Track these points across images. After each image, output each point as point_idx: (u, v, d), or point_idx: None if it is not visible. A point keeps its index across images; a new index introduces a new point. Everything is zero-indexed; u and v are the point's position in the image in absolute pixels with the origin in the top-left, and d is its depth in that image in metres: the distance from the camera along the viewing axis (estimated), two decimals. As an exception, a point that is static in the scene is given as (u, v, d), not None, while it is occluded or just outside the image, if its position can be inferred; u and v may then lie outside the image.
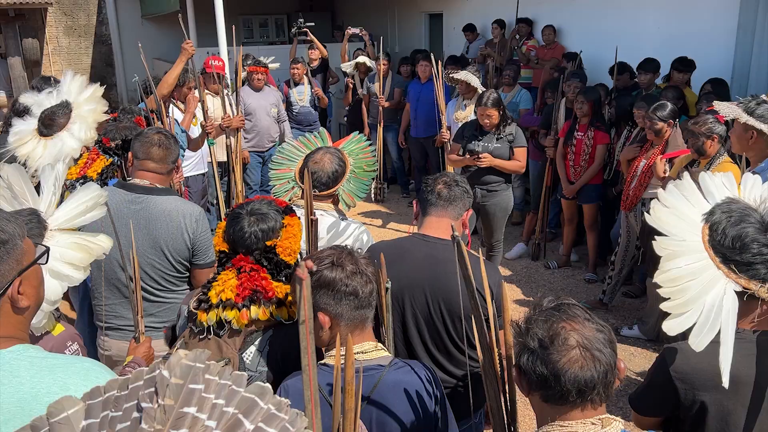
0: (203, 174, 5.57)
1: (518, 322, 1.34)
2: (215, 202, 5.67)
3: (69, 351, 1.80)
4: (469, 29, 8.76)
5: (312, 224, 1.93)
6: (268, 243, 1.83)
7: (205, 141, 4.98)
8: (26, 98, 3.37)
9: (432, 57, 5.87)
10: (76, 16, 11.61)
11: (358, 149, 2.84)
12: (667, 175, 4.08)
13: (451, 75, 5.98)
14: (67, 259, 1.59)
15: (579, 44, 6.95)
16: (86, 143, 3.14)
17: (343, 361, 1.28)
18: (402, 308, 2.25)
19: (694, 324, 1.53)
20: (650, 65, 5.60)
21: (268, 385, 0.93)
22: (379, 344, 1.72)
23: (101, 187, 1.87)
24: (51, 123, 3.15)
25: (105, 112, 3.28)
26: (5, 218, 1.26)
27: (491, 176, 4.67)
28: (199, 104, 4.97)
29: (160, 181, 2.72)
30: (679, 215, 1.72)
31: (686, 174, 1.96)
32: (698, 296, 1.55)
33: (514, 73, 6.65)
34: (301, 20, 8.34)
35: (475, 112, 5.00)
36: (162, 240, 2.61)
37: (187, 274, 2.74)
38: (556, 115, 5.70)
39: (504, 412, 1.52)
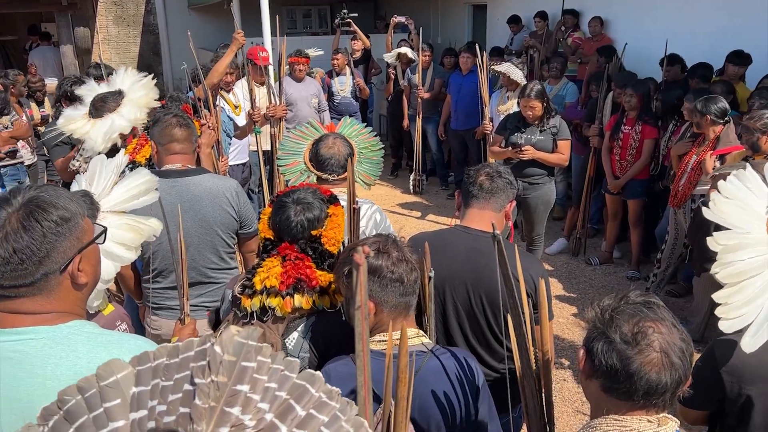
0: (244, 163, 5.65)
1: (600, 306, 1.31)
2: (257, 189, 5.74)
3: (118, 330, 1.85)
4: (514, 21, 8.64)
5: (354, 213, 1.94)
6: (314, 233, 1.85)
7: (252, 130, 5.05)
8: (81, 89, 3.48)
9: (477, 48, 5.81)
10: (126, 5, 11.86)
11: (354, 132, 2.92)
12: (717, 172, 3.96)
13: (493, 67, 5.91)
14: (118, 239, 1.64)
15: (627, 36, 6.78)
16: (136, 123, 3.22)
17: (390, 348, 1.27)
18: (443, 300, 2.24)
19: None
20: (703, 71, 5.38)
21: (318, 373, 0.93)
22: (421, 331, 1.72)
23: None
24: (102, 106, 3.25)
25: (155, 100, 3.37)
26: (68, 197, 1.30)
27: (533, 169, 4.61)
28: (247, 93, 5.04)
29: (190, 161, 2.81)
30: (742, 207, 1.67)
31: (748, 165, 1.90)
32: (759, 295, 1.50)
33: (560, 66, 6.54)
34: (345, 11, 8.34)
35: (518, 104, 4.93)
36: (210, 217, 2.71)
37: (234, 250, 2.87)
38: (601, 106, 5.58)
39: (541, 412, 1.50)
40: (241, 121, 5.21)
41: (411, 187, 7.72)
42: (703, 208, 1.68)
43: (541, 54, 7.47)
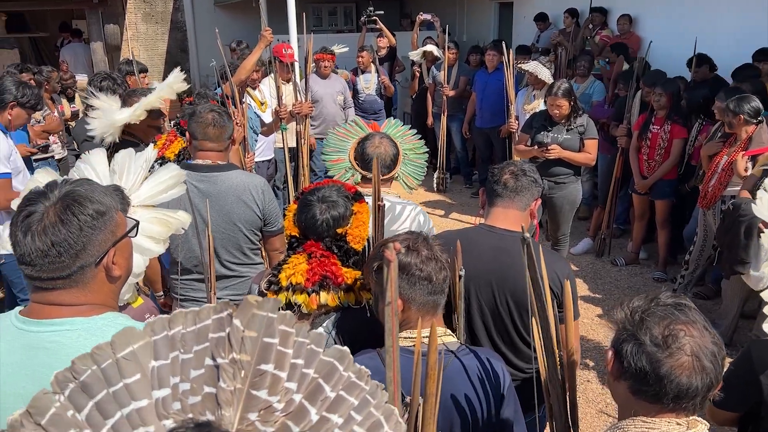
0: (269, 160, 5.69)
1: (630, 307, 1.29)
2: (283, 186, 5.78)
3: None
4: (541, 18, 8.56)
5: (379, 210, 1.94)
6: (339, 231, 1.86)
7: (279, 126, 5.08)
8: (93, 101, 3.66)
9: (503, 46, 5.77)
10: (154, 3, 12.00)
11: (399, 133, 2.91)
12: (749, 173, 3.89)
13: (520, 65, 5.87)
14: (146, 232, 1.67)
15: (655, 35, 6.68)
16: (131, 118, 3.34)
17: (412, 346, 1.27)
18: (467, 299, 2.23)
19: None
20: (749, 71, 5.22)
21: (346, 348, 0.89)
22: (448, 330, 1.72)
23: None
24: (127, 98, 3.46)
25: (180, 95, 3.47)
26: (103, 191, 1.33)
27: (560, 168, 4.57)
28: (273, 90, 5.07)
29: (221, 158, 2.84)
30: None
31: None
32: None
33: (588, 64, 6.46)
34: (371, 8, 8.34)
35: (544, 102, 4.89)
36: (234, 214, 2.74)
37: (259, 246, 2.89)
38: (629, 105, 5.51)
39: (565, 414, 1.49)
40: (267, 118, 5.25)
41: (435, 186, 7.70)
42: (751, 205, 1.64)
43: (568, 52, 7.39)
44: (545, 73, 5.67)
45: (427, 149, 3.01)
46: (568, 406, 1.46)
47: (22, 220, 1.24)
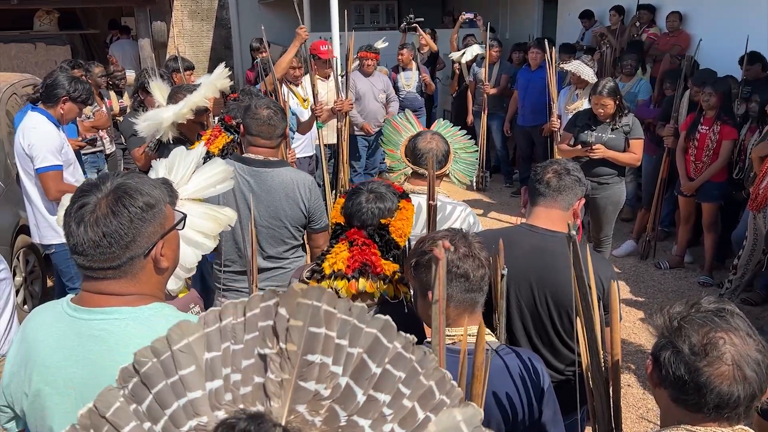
0: (310, 156, 5.73)
1: (669, 314, 1.26)
2: (322, 182, 5.83)
3: (192, 312, 1.93)
4: (586, 16, 8.40)
5: (433, 209, 1.96)
6: (382, 221, 1.88)
7: (314, 124, 5.11)
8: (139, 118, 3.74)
9: (546, 44, 5.69)
10: (200, 0, 12.23)
11: (449, 134, 2.93)
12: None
13: (561, 66, 5.78)
14: (197, 227, 1.71)
15: (706, 32, 6.49)
16: (177, 117, 3.40)
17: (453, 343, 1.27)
18: (507, 299, 2.21)
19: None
20: None
21: (388, 317, 0.87)
22: (487, 329, 1.71)
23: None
24: (173, 95, 3.54)
25: (223, 92, 3.53)
26: (152, 184, 1.36)
27: (604, 168, 4.49)
28: (309, 88, 5.11)
29: (272, 154, 2.89)
30: None
31: None
32: None
33: (635, 62, 6.33)
34: (411, 15, 8.32)
35: (588, 101, 4.81)
36: (280, 209, 2.79)
37: (302, 241, 2.95)
38: (677, 105, 5.37)
39: (609, 417, 1.46)
40: (305, 115, 5.29)
41: (474, 184, 7.64)
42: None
43: (614, 50, 7.24)
44: (588, 72, 5.57)
45: (476, 148, 3.05)
46: (612, 409, 1.44)
47: (76, 211, 1.28)
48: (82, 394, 1.26)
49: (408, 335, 0.87)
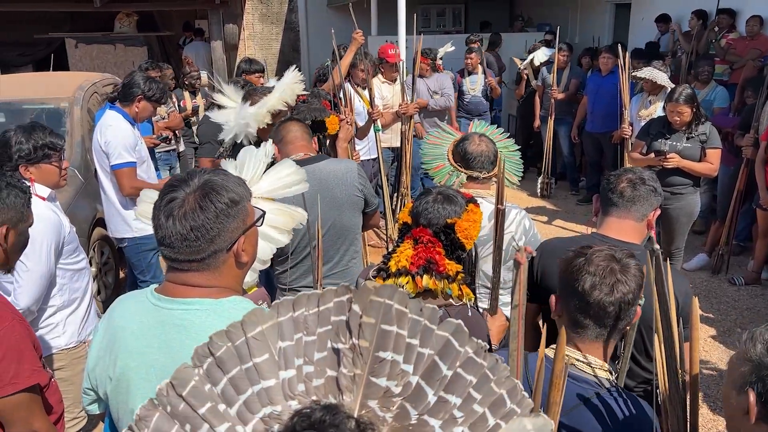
0: (374, 159, 5.76)
1: (755, 336, 1.14)
2: (381, 186, 5.85)
3: (260, 309, 1.96)
4: (662, 20, 8.12)
5: (501, 213, 1.95)
6: (449, 221, 1.88)
7: (372, 128, 5.11)
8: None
9: (619, 49, 5.53)
10: (270, 3, 12.50)
11: (487, 134, 2.91)
12: None
13: (634, 74, 5.61)
14: (271, 222, 1.75)
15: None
16: (257, 120, 3.43)
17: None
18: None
19: None
20: None
21: (460, 322, 0.87)
22: (606, 365, 1.60)
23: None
24: (247, 97, 3.56)
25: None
26: (236, 182, 1.40)
27: (678, 178, 4.32)
28: (380, 90, 5.13)
29: (313, 151, 2.95)
30: None
31: None
32: None
33: (710, 69, 6.08)
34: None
35: (663, 108, 4.65)
36: (339, 198, 2.82)
37: (360, 235, 3.00)
38: (758, 114, 5.12)
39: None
40: (362, 121, 5.31)
41: (538, 191, 7.51)
42: None
43: (690, 55, 6.97)
44: (662, 77, 5.39)
45: (518, 147, 3.05)
46: (689, 429, 1.37)
47: (165, 205, 1.33)
48: (163, 380, 1.31)
49: (480, 341, 0.87)
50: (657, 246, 1.40)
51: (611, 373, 1.61)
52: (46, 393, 1.86)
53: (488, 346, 0.88)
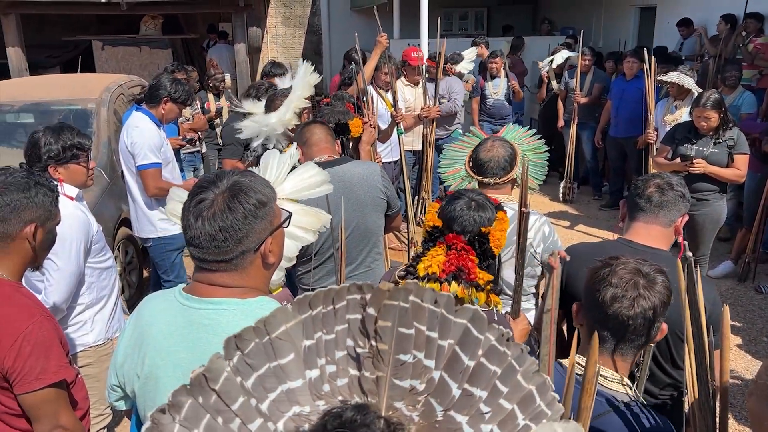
0: (396, 161, 5.76)
1: None
2: (403, 188, 5.85)
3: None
4: (685, 24, 8.03)
5: (524, 217, 1.93)
6: (483, 229, 1.86)
7: (395, 131, 5.12)
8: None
9: (644, 53, 5.47)
10: (293, 7, 12.58)
11: (517, 135, 2.92)
12: None
13: (660, 78, 5.54)
14: (297, 223, 1.76)
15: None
16: (284, 123, 3.47)
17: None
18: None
19: None
20: None
21: (477, 308, 0.84)
22: (626, 380, 1.56)
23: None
24: (270, 103, 3.60)
25: (311, 97, 3.60)
26: (264, 183, 1.41)
27: (704, 184, 4.26)
28: (402, 93, 5.14)
29: (336, 153, 2.96)
30: None
31: None
32: None
33: (737, 73, 5.98)
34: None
35: (690, 113, 4.59)
36: (363, 200, 2.84)
37: (383, 236, 3.01)
38: (787, 121, 5.03)
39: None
40: (384, 123, 5.31)
41: (560, 195, 7.45)
42: None
43: (716, 59, 6.87)
44: (689, 81, 5.32)
45: (547, 147, 3.01)
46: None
47: (194, 206, 1.34)
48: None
49: (502, 328, 0.84)
50: (690, 254, 1.37)
51: (630, 388, 1.56)
52: (72, 389, 1.89)
53: (510, 333, 0.86)
